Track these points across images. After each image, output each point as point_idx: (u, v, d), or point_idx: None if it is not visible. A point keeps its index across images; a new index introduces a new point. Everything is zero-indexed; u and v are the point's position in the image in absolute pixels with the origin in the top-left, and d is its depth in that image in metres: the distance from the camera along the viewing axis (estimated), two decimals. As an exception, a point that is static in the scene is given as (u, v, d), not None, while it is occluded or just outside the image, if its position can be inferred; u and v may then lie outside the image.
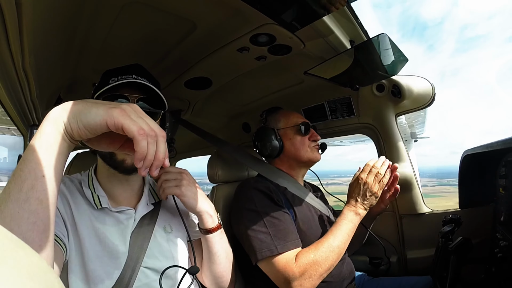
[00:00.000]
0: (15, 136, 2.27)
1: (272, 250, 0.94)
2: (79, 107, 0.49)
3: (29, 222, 0.44)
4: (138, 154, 0.49)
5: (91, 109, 0.49)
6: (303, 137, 1.23)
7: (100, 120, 0.48)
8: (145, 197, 0.82)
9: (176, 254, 0.82)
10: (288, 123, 1.27)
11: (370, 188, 1.05)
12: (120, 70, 0.78)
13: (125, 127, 0.48)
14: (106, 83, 0.74)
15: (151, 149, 0.50)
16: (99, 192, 0.76)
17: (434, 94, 1.31)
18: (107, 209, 0.75)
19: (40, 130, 0.48)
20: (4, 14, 0.58)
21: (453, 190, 21.39)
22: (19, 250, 0.17)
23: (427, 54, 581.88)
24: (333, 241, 0.98)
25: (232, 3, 0.76)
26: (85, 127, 0.48)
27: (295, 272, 0.91)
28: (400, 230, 1.41)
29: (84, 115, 0.48)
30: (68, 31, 0.83)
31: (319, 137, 1.26)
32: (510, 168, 0.96)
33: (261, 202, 1.05)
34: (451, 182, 30.82)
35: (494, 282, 0.93)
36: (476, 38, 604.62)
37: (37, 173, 0.45)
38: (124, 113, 0.49)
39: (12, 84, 0.91)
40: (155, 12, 0.80)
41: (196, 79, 1.26)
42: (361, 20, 0.95)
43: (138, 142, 0.48)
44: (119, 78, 0.74)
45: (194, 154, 2.70)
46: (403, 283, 1.23)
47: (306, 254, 0.95)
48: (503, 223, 0.99)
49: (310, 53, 1.07)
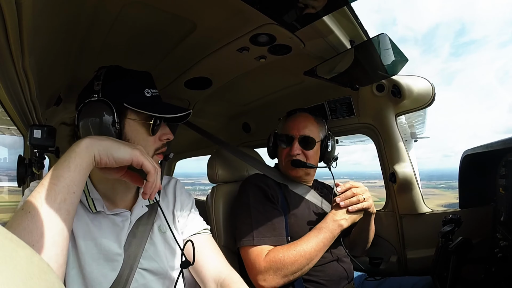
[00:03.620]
0: (15, 136, 2.27)
1: (250, 240, 1.03)
2: (109, 143, 0.62)
3: (58, 228, 0.53)
4: (150, 183, 0.65)
5: (120, 147, 0.63)
6: (282, 149, 1.24)
7: (128, 157, 0.63)
8: (140, 199, 0.82)
9: (172, 254, 0.82)
10: (280, 130, 1.29)
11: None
12: (141, 77, 0.78)
13: (144, 164, 0.64)
14: (140, 93, 0.74)
15: (158, 181, 0.66)
16: (93, 195, 0.75)
17: (434, 94, 1.31)
18: (103, 212, 0.74)
19: (76, 154, 0.58)
20: (4, 14, 0.58)
21: (438, 192, 21.25)
22: (19, 250, 0.17)
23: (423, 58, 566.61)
24: (306, 246, 0.99)
25: (232, 3, 0.76)
26: (115, 160, 0.62)
27: (261, 266, 0.98)
28: (400, 230, 1.41)
29: (115, 151, 0.62)
30: (68, 31, 0.83)
31: (294, 152, 1.19)
32: (510, 168, 0.96)
33: (255, 197, 1.11)
34: (439, 184, 30.98)
35: (494, 282, 0.93)
36: (471, 42, 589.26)
37: (69, 189, 0.56)
38: (143, 154, 0.65)
39: (12, 84, 0.91)
40: (155, 12, 0.80)
41: (196, 79, 1.26)
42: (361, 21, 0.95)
43: (151, 175, 0.65)
44: (152, 93, 0.77)
45: (194, 154, 2.70)
46: (403, 283, 1.23)
47: (276, 252, 0.99)
48: (503, 223, 0.99)
49: (310, 53, 1.07)
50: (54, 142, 1.10)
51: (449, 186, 27.58)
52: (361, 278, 1.35)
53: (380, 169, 1.45)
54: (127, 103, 0.71)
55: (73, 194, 0.56)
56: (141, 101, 0.73)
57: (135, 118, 0.73)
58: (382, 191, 1.50)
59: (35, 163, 1.19)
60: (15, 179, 1.20)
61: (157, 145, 0.77)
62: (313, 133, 1.22)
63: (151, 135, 0.75)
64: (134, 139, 0.73)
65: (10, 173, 2.35)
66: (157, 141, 0.77)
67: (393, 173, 1.36)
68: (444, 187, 27.88)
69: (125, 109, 0.71)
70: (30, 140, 1.06)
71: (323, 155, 1.26)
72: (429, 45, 33.81)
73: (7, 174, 2.67)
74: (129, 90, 0.74)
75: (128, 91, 0.73)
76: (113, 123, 0.69)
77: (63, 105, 1.32)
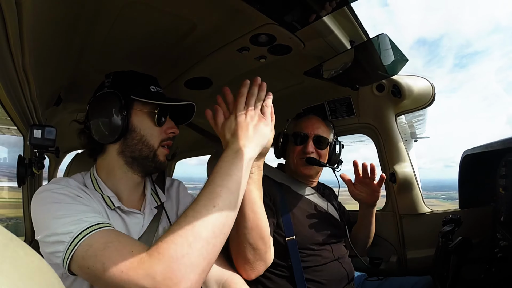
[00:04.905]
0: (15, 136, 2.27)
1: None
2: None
3: (234, 220, 0.62)
4: None
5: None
6: (294, 148, 1.24)
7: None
8: (149, 201, 0.83)
9: None
10: (290, 130, 1.29)
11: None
12: (149, 78, 0.82)
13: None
14: (147, 87, 0.79)
15: None
16: (107, 193, 0.76)
17: (434, 94, 1.31)
18: (119, 209, 0.75)
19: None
20: (4, 14, 0.58)
21: (437, 203, 21.20)
22: (19, 250, 0.18)
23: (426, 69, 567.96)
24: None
25: (232, 3, 0.76)
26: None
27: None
28: (400, 230, 1.41)
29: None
30: (68, 31, 0.83)
31: (309, 150, 1.21)
32: (510, 168, 0.96)
33: None
34: (439, 195, 31.08)
35: (494, 282, 0.93)
36: (475, 53, 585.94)
37: (244, 190, 0.65)
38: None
39: (12, 84, 0.91)
40: (155, 12, 0.80)
41: (196, 79, 1.25)
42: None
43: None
44: (157, 90, 0.81)
45: (194, 154, 2.70)
46: (403, 283, 1.23)
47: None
48: (503, 223, 0.99)
49: (310, 53, 1.07)
50: (54, 142, 1.10)
51: (449, 197, 27.65)
52: (361, 278, 1.35)
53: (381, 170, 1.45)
54: (134, 95, 0.75)
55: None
56: (147, 94, 0.78)
57: (141, 109, 0.77)
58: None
59: (35, 163, 1.19)
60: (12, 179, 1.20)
61: (163, 136, 0.80)
62: (325, 134, 1.25)
63: (157, 125, 0.78)
64: (140, 128, 0.77)
65: (9, 172, 2.35)
66: (163, 133, 0.80)
67: (393, 173, 1.36)
68: (444, 198, 27.98)
69: (132, 100, 0.76)
70: (30, 140, 1.06)
71: (330, 157, 1.28)
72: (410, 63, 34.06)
73: (7, 174, 2.67)
74: (136, 85, 0.79)
75: (134, 86, 0.78)
76: (120, 109, 0.73)
77: (63, 105, 1.32)
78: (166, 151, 0.82)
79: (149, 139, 0.78)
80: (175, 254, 0.53)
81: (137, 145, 0.77)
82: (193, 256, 0.54)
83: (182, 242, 0.54)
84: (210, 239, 0.56)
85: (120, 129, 0.73)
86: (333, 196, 1.36)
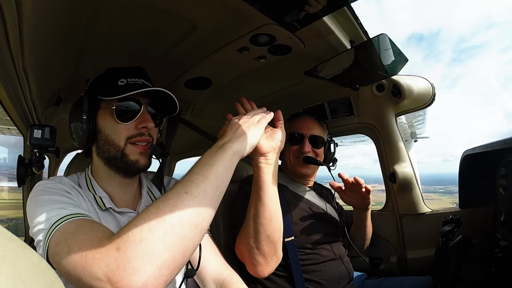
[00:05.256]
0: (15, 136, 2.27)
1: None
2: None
3: (211, 216, 0.57)
4: None
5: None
6: (290, 147, 1.25)
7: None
8: (144, 200, 0.83)
9: None
10: (286, 130, 1.29)
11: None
12: (125, 71, 0.78)
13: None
14: (114, 83, 0.74)
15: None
16: (100, 193, 0.76)
17: (434, 94, 1.31)
18: (111, 209, 0.75)
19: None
20: (4, 14, 0.58)
21: (435, 197, 21.36)
22: (19, 250, 0.18)
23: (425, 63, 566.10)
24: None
25: (232, 3, 0.76)
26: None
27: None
28: (400, 230, 1.41)
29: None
30: (68, 31, 0.83)
31: (306, 149, 1.22)
32: (510, 168, 0.96)
33: (247, 194, 1.09)
34: (438, 189, 31.08)
35: (494, 282, 0.93)
36: (473, 47, 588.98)
37: (225, 185, 0.61)
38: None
39: (12, 84, 0.91)
40: (155, 12, 0.80)
41: (196, 79, 1.25)
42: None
43: None
44: (128, 81, 0.75)
45: (194, 154, 2.70)
46: (403, 283, 1.23)
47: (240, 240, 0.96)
48: (503, 223, 0.99)
49: (310, 53, 1.07)
50: (54, 142, 1.10)
51: (448, 191, 27.64)
52: (361, 278, 1.35)
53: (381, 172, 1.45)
54: (100, 94, 0.73)
55: (225, 188, 0.62)
56: (112, 90, 0.72)
57: (105, 107, 0.74)
58: (380, 195, 1.51)
59: (35, 163, 1.19)
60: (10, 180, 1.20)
61: (132, 133, 0.74)
62: (320, 134, 1.27)
63: (119, 122, 0.73)
64: (105, 128, 0.74)
65: (9, 172, 2.35)
66: (133, 129, 0.74)
67: (393, 173, 1.36)
68: (442, 192, 27.92)
69: (98, 101, 0.75)
70: (30, 140, 1.06)
71: (326, 156, 1.30)
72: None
73: (6, 174, 2.67)
74: (103, 83, 0.77)
75: (102, 84, 0.77)
76: (85, 112, 0.73)
77: (63, 105, 1.32)
78: (139, 148, 0.75)
79: (113, 138, 0.73)
80: (133, 237, 0.47)
81: (104, 145, 0.74)
82: (153, 243, 0.47)
83: (143, 225, 0.49)
84: (176, 226, 0.50)
85: (87, 132, 0.73)
86: (331, 196, 1.37)
